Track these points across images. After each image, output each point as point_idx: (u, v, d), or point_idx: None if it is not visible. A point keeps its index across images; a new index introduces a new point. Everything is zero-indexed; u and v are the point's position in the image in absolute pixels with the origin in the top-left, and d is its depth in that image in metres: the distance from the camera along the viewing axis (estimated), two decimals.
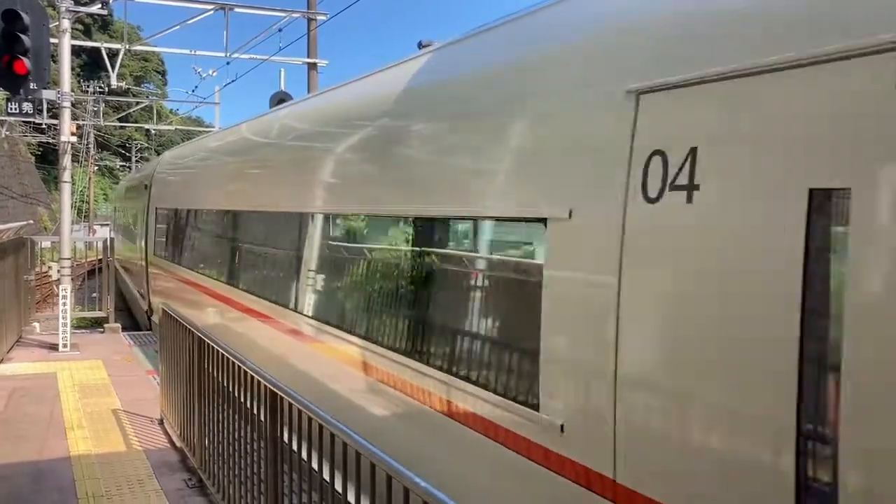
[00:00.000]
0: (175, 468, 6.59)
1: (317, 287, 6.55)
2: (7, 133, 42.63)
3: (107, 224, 44.30)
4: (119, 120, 52.01)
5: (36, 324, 14.60)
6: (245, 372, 4.78)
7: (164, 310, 7.39)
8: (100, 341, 13.54)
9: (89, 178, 55.60)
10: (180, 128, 44.40)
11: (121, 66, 20.60)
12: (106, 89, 40.57)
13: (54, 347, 12.34)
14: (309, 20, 18.00)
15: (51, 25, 11.61)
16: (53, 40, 12.25)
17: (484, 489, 3.91)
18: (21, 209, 47.05)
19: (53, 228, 40.00)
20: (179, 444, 6.92)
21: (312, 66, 18.37)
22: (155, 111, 42.42)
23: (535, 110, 3.84)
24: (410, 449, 4.39)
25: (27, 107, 13.20)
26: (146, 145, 71.50)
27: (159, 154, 27.02)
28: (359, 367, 5.34)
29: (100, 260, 17.83)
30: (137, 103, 44.79)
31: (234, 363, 5.05)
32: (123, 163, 69.18)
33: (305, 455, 3.99)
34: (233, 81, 24.39)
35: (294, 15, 17.90)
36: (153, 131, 53.10)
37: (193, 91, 32.60)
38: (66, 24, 12.74)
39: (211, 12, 17.25)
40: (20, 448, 7.09)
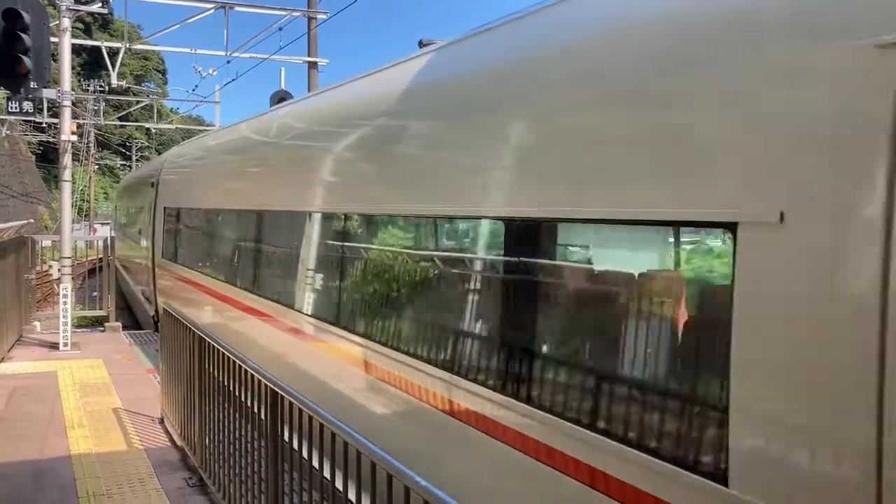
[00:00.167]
0: (176, 467, 6.59)
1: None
2: (7, 132, 42.59)
3: (107, 223, 44.34)
4: (119, 119, 51.94)
5: (36, 323, 14.61)
6: (245, 371, 4.78)
7: (165, 308, 7.36)
8: (100, 340, 13.55)
9: (90, 177, 55.62)
10: (181, 127, 44.48)
11: (121, 65, 20.59)
12: (106, 88, 40.56)
13: (55, 346, 12.35)
14: (309, 19, 17.99)
15: (51, 24, 11.60)
16: (54, 39, 12.24)
17: None
18: (21, 208, 47.09)
19: (54, 227, 40.06)
20: (180, 443, 6.92)
21: (313, 65, 18.36)
22: (155, 110, 42.32)
23: (721, 83, 2.86)
24: None
25: (28, 106, 13.18)
26: (147, 144, 71.59)
27: (160, 153, 26.90)
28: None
29: (100, 259, 17.84)
30: (138, 102, 44.67)
31: (235, 362, 5.04)
32: (124, 162, 69.20)
33: (306, 454, 3.98)
34: (233, 80, 24.27)
35: (294, 14, 17.90)
36: (154, 130, 53.24)
37: (194, 90, 32.73)
38: (67, 23, 12.75)
39: (211, 11, 17.25)
40: (21, 447, 7.09)
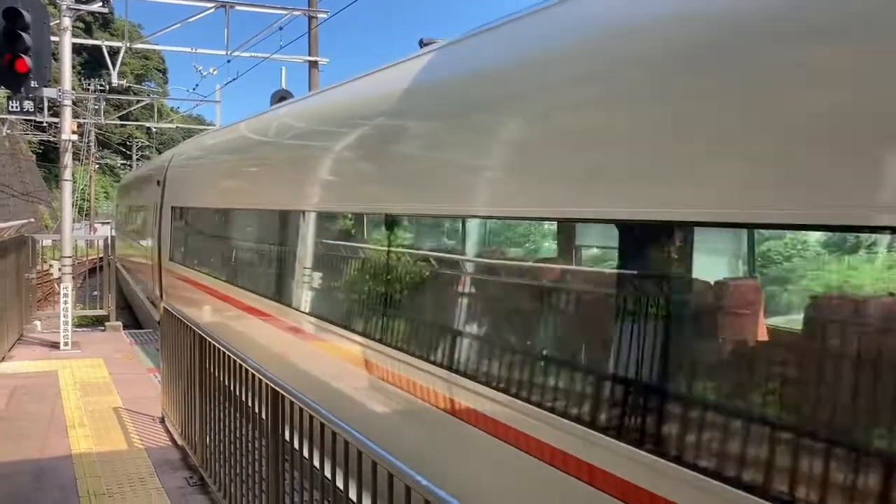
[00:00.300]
0: (176, 466, 6.59)
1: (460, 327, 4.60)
2: (8, 131, 42.54)
3: (108, 222, 44.35)
4: (120, 118, 51.92)
5: (37, 322, 14.61)
6: (246, 370, 4.78)
7: (165, 307, 7.36)
8: (101, 339, 13.56)
9: (90, 177, 55.60)
10: (181, 126, 44.50)
11: (122, 65, 20.62)
12: (107, 87, 40.49)
13: (55, 346, 12.36)
14: (310, 18, 17.99)
15: (52, 23, 11.60)
16: (54, 38, 12.27)
17: None
18: (22, 207, 47.07)
19: (54, 227, 40.01)
20: (181, 443, 6.92)
21: (313, 65, 18.36)
22: (156, 109, 42.41)
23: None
24: None
25: (28, 105, 13.12)
26: (147, 143, 71.56)
27: (160, 152, 26.80)
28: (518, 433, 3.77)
29: (101, 258, 17.85)
30: (138, 101, 44.72)
31: (236, 361, 5.04)
32: (124, 161, 69.16)
33: (307, 453, 3.98)
34: (234, 80, 24.44)
35: (295, 13, 17.91)
36: (154, 129, 53.28)
37: (194, 89, 32.76)
38: (67, 22, 12.77)
39: (212, 10, 17.25)
40: (21, 446, 7.09)
